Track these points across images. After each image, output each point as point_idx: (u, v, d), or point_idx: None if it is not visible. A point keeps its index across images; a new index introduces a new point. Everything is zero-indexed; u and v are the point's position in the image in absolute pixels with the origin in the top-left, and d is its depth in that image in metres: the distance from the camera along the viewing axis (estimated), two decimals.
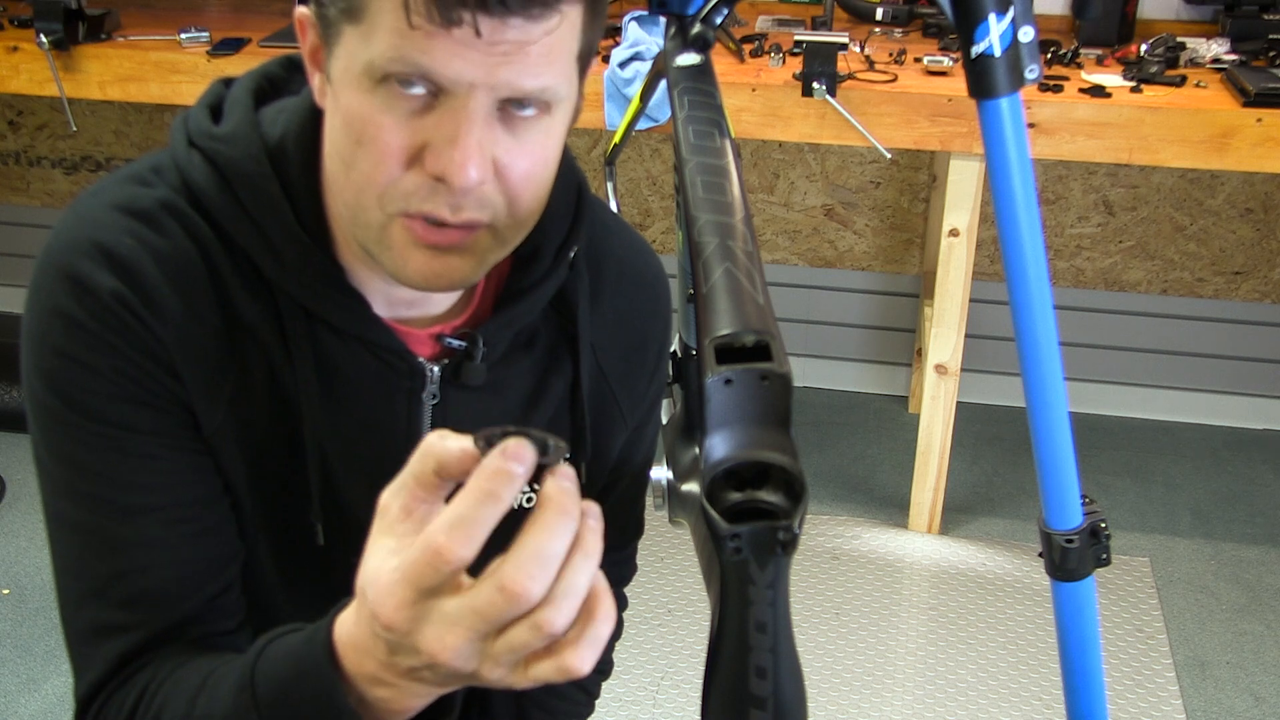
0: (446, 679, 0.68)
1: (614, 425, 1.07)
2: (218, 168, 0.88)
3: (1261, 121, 2.23)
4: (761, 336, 0.72)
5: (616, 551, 1.19)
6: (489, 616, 0.63)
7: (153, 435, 0.87)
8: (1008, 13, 0.96)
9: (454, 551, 0.62)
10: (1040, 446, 1.12)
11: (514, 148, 0.81)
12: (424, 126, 0.78)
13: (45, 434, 0.88)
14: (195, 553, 0.90)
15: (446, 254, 0.83)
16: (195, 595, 0.90)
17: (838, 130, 2.35)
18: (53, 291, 0.85)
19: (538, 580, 0.62)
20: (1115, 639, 2.40)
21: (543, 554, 0.62)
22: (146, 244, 0.86)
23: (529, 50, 0.76)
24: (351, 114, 0.79)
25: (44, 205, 3.39)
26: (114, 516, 0.88)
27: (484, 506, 0.62)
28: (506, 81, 0.77)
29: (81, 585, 0.90)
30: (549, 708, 1.20)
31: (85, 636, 0.90)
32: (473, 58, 0.75)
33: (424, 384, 0.94)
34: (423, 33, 0.75)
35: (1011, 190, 1.02)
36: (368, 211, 0.82)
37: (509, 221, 0.84)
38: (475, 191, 0.80)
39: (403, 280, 0.84)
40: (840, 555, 2.64)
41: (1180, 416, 3.19)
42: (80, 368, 0.85)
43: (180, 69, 2.51)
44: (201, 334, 0.87)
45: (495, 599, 0.62)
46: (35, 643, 2.35)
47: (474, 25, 0.74)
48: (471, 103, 0.77)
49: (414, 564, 0.63)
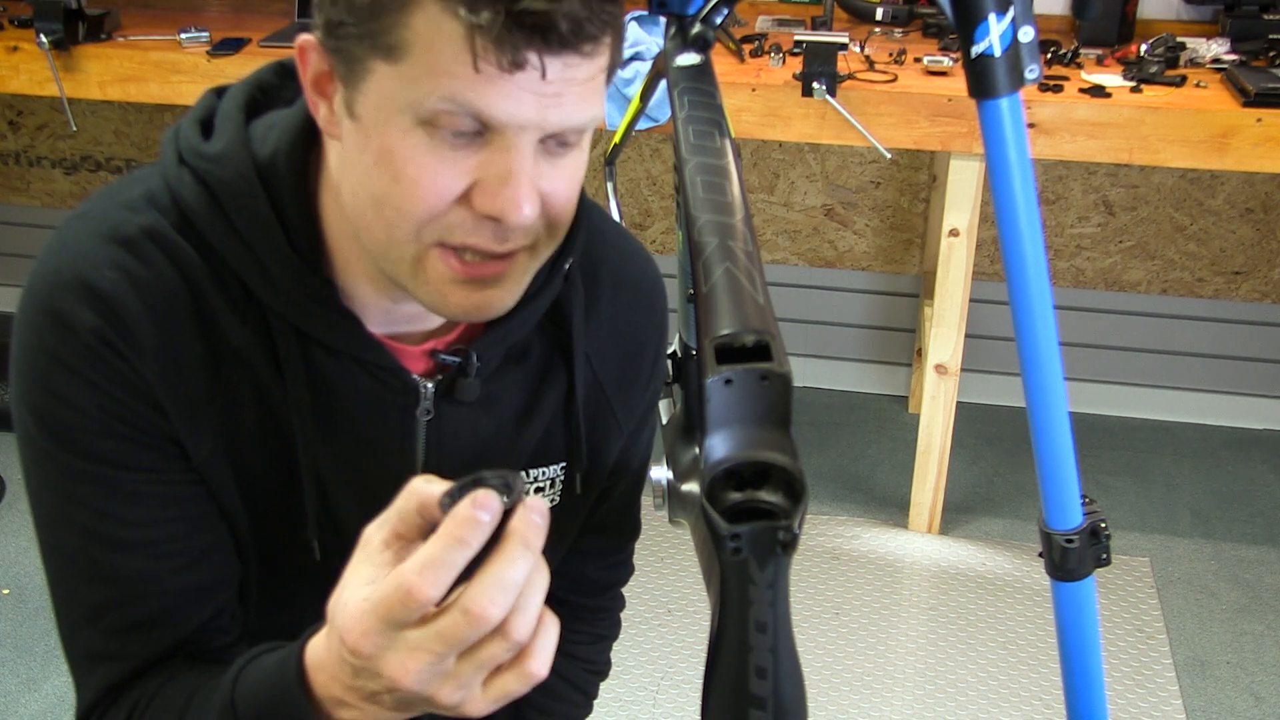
0: (406, 703, 0.71)
1: (610, 433, 1.07)
2: (208, 187, 0.87)
3: (1261, 121, 2.23)
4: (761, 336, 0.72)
5: (614, 554, 1.19)
6: (451, 639, 0.67)
7: (139, 471, 0.87)
8: (1008, 13, 0.96)
9: (423, 591, 0.66)
10: (1040, 446, 1.12)
11: (555, 176, 0.81)
12: (472, 166, 0.78)
13: (35, 465, 0.88)
14: (187, 581, 0.90)
15: (486, 285, 0.83)
16: (187, 623, 0.90)
17: (838, 130, 2.35)
18: (37, 328, 0.85)
19: (498, 605, 0.66)
20: (1115, 639, 2.40)
21: (504, 581, 0.66)
22: (129, 274, 0.85)
23: (575, 87, 0.76)
24: (389, 153, 0.78)
25: (44, 205, 3.39)
26: (104, 548, 0.88)
27: (453, 550, 0.66)
28: (557, 120, 0.77)
29: (75, 611, 0.91)
30: (546, 709, 1.20)
31: (80, 660, 0.92)
32: (526, 100, 0.75)
33: (418, 400, 0.94)
34: (484, 76, 0.74)
35: (1011, 190, 1.02)
36: (402, 246, 0.81)
37: (547, 240, 0.85)
38: (526, 224, 0.80)
39: (443, 313, 0.85)
40: (840, 555, 2.64)
41: (1180, 416, 3.19)
42: (65, 405, 0.85)
43: (180, 69, 2.51)
44: (184, 365, 0.86)
45: (459, 621, 0.66)
46: (35, 643, 2.35)
47: (540, 68, 0.74)
48: (521, 141, 0.77)
49: (385, 598, 0.67)
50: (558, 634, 0.70)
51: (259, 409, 0.90)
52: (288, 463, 0.92)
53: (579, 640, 1.21)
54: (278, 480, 0.93)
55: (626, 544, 1.19)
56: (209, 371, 0.88)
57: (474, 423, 0.97)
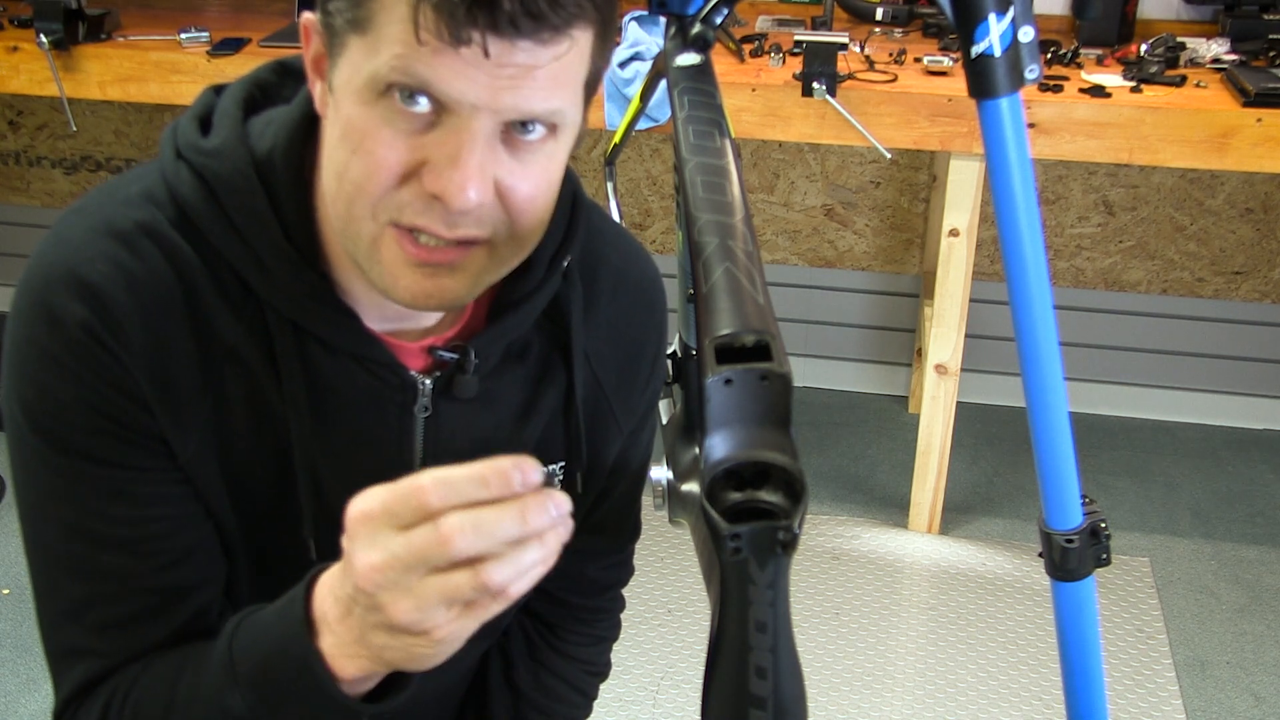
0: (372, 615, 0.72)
1: (609, 433, 1.07)
2: (205, 182, 0.87)
3: (1261, 121, 2.23)
4: (761, 336, 0.72)
5: (614, 554, 1.19)
6: (416, 550, 0.68)
7: (124, 467, 0.87)
8: (1008, 13, 0.96)
9: (455, 544, 0.67)
10: (1040, 446, 1.12)
11: (517, 170, 0.80)
12: (424, 144, 0.78)
13: (21, 459, 0.88)
14: (169, 580, 0.90)
15: (438, 273, 0.82)
16: (169, 621, 0.90)
17: (838, 130, 2.35)
18: (29, 321, 0.85)
19: (468, 538, 0.67)
20: (1115, 639, 2.40)
21: (484, 522, 0.67)
22: (122, 268, 0.85)
23: (536, 74, 0.76)
24: (351, 124, 0.79)
25: (44, 205, 3.39)
26: (86, 544, 0.88)
27: (508, 521, 0.67)
28: (511, 105, 0.76)
29: (56, 607, 0.91)
30: (546, 709, 1.20)
31: (59, 655, 0.92)
32: (479, 78, 0.75)
33: (416, 397, 0.94)
34: (430, 49, 0.74)
35: (1011, 190, 1.02)
36: (359, 222, 0.81)
37: (509, 240, 0.83)
38: (474, 211, 0.79)
39: (393, 297, 0.84)
40: (840, 555, 2.64)
41: (1180, 416, 3.19)
42: (52, 400, 0.85)
43: (180, 69, 2.51)
44: (174, 362, 0.86)
45: (427, 535, 0.68)
46: (35, 643, 2.33)
47: (483, 45, 0.73)
48: (474, 123, 0.76)
49: (419, 534, 0.68)
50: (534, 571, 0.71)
51: (252, 407, 0.90)
52: (282, 461, 0.92)
53: (579, 641, 1.21)
54: (272, 479, 0.93)
55: (626, 545, 1.19)
56: (200, 369, 0.88)
57: (472, 420, 0.97)
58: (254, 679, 0.81)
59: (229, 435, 0.90)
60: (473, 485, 0.68)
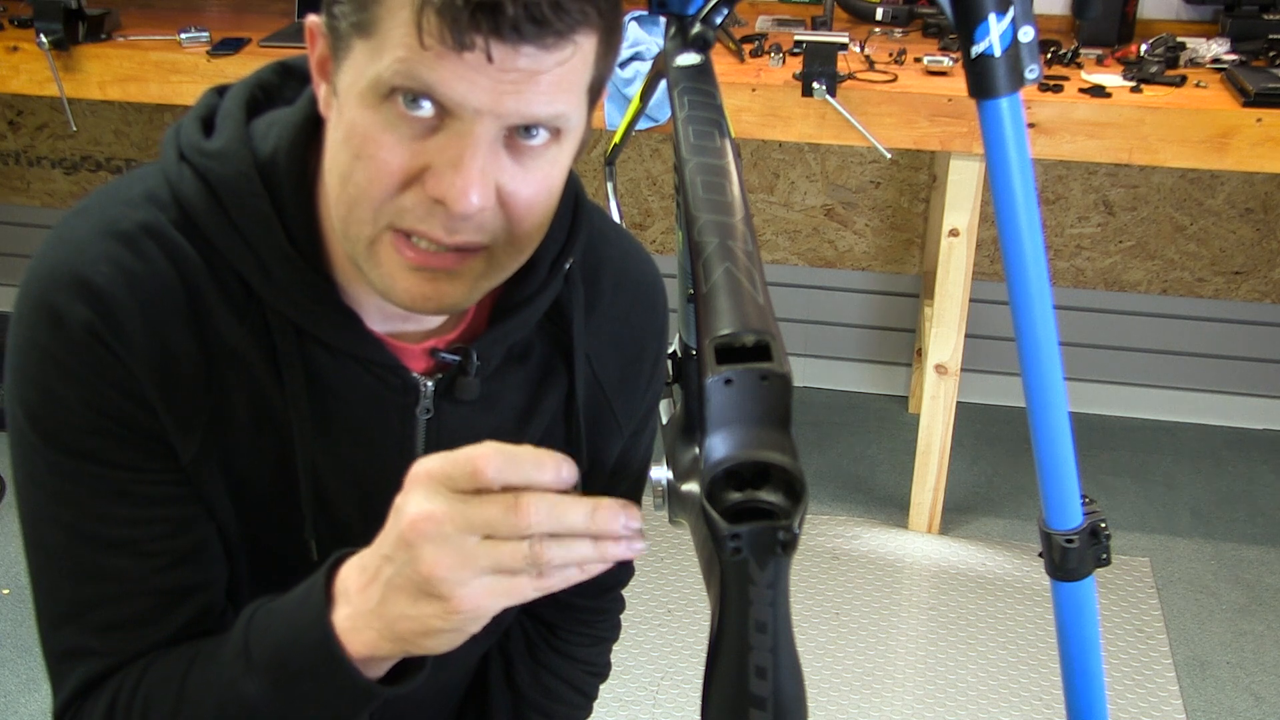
0: (408, 571, 0.72)
1: (610, 434, 1.07)
2: (208, 184, 0.87)
3: (1261, 121, 2.23)
4: (761, 336, 0.71)
5: None
6: (486, 513, 0.70)
7: (126, 469, 0.87)
8: (1008, 13, 0.96)
9: (530, 516, 0.70)
10: (1040, 446, 1.12)
11: (519, 175, 0.80)
12: (427, 148, 0.77)
13: (23, 459, 0.88)
14: (170, 581, 0.90)
15: (437, 278, 0.82)
16: (170, 622, 0.90)
17: (838, 130, 2.35)
18: (31, 322, 0.85)
19: (541, 517, 0.71)
20: (1115, 639, 2.40)
21: (562, 507, 0.71)
22: (124, 269, 0.85)
23: (539, 79, 0.76)
24: (354, 128, 0.79)
25: (44, 205, 3.39)
26: (88, 546, 0.88)
27: (579, 513, 0.72)
28: (514, 109, 0.76)
29: (57, 608, 0.91)
30: (546, 710, 1.20)
31: (60, 656, 0.92)
32: (482, 83, 0.75)
33: (417, 399, 0.94)
34: (434, 53, 0.74)
35: (1011, 190, 1.02)
36: (359, 225, 0.81)
37: (507, 246, 0.83)
38: (475, 217, 0.79)
39: (392, 300, 0.84)
40: (840, 555, 2.64)
41: (1180, 416, 3.19)
42: (54, 401, 0.85)
43: (180, 69, 2.51)
44: (174, 363, 0.86)
45: (504, 502, 0.70)
46: (36, 643, 2.34)
47: (486, 50, 0.73)
48: (477, 128, 0.76)
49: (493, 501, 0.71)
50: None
51: (254, 409, 0.90)
52: (284, 463, 0.92)
53: (579, 642, 1.21)
54: (273, 481, 0.93)
55: None
56: (202, 370, 0.87)
57: (474, 422, 0.97)
58: (269, 662, 0.81)
59: (231, 436, 0.90)
60: (531, 465, 0.71)
